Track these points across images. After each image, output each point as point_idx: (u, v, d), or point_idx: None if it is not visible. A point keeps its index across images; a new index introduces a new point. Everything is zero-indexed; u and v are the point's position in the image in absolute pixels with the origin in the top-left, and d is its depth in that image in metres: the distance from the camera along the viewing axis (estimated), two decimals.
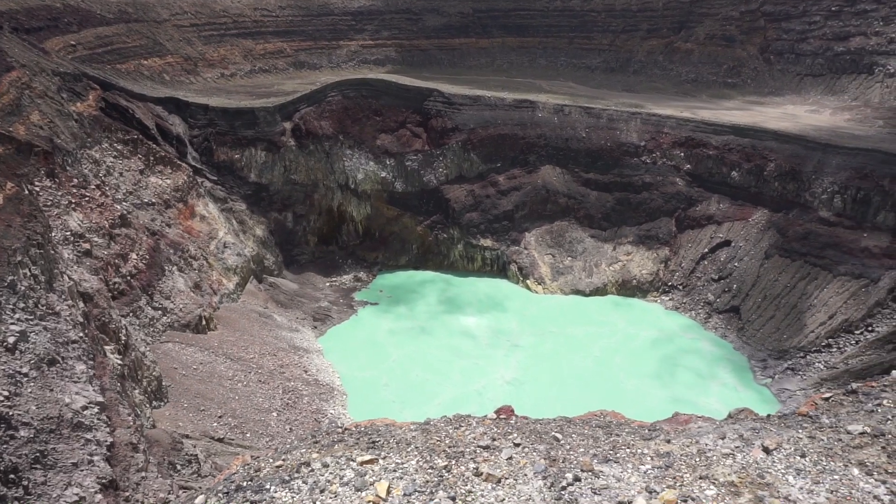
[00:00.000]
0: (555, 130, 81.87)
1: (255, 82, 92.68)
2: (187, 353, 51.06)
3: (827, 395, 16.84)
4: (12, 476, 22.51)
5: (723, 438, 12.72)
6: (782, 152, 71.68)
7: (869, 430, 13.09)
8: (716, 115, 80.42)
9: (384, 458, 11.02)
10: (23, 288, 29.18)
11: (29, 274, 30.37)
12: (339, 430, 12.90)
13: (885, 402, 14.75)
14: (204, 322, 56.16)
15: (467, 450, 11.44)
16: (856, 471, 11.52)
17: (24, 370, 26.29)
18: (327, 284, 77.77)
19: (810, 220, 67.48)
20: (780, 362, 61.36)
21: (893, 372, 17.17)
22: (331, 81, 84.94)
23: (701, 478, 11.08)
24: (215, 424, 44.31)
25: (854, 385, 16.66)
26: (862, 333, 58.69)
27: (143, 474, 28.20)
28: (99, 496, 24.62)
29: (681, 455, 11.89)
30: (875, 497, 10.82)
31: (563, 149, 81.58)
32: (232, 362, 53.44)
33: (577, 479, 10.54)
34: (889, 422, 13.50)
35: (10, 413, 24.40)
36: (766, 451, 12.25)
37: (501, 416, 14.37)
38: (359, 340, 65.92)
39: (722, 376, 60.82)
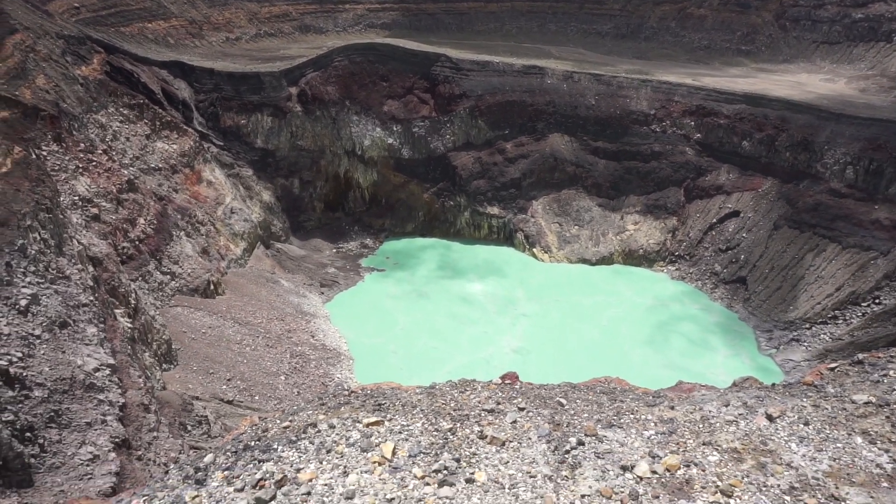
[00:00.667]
0: (563, 97, 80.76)
1: (260, 46, 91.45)
2: (196, 317, 51.60)
3: (832, 365, 16.86)
4: (28, 434, 23.02)
5: (726, 406, 12.80)
6: (794, 122, 70.62)
7: (874, 400, 13.13)
8: (727, 83, 79.02)
9: (390, 420, 11.16)
10: (33, 252, 29.39)
11: (39, 238, 30.55)
12: (346, 392, 13.05)
13: (891, 372, 14.76)
14: (212, 287, 56.58)
15: (472, 413, 11.57)
16: (859, 439, 11.59)
17: (37, 332, 26.66)
18: (334, 251, 78.00)
19: (821, 192, 66.80)
20: (785, 333, 61.48)
21: None
22: (337, 46, 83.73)
23: (704, 444, 11.17)
24: (224, 387, 45.03)
25: (860, 356, 16.66)
26: (869, 306, 58.58)
27: (155, 434, 28.78)
28: (112, 454, 25.18)
29: (684, 421, 11.98)
30: (878, 465, 10.90)
31: (571, 116, 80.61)
32: (240, 326, 54.04)
33: (580, 443, 10.66)
34: (894, 391, 13.53)
35: (24, 374, 24.82)
36: (770, 418, 12.33)
37: (507, 382, 14.49)
38: (365, 306, 66.34)
39: (726, 346, 61.06)
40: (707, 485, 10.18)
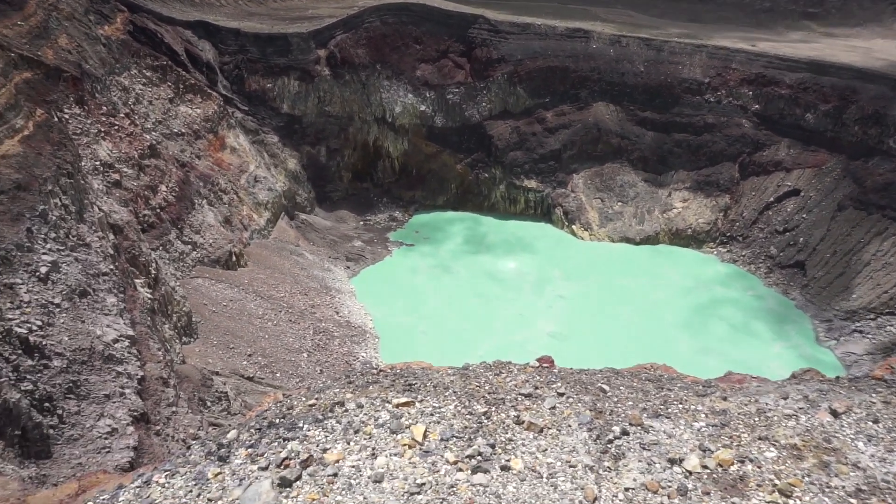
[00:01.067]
0: (610, 64, 79.04)
1: (288, 6, 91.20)
2: (217, 290, 52.50)
3: None
4: (47, 404, 23.77)
5: (785, 399, 12.37)
6: (865, 93, 67.87)
7: None
8: (789, 49, 76.17)
9: (421, 401, 11.08)
10: (54, 218, 30.07)
11: (60, 204, 31.23)
12: (374, 371, 13.03)
13: None
14: (234, 258, 57.34)
15: (508, 397, 11.43)
16: None
17: (56, 301, 27.37)
18: (361, 223, 78.42)
19: (892, 170, 64.30)
20: (846, 324, 59.83)
21: None
22: (369, 5, 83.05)
23: (760, 438, 10.82)
24: (245, 363, 45.85)
25: None
26: None
27: (174, 409, 29.50)
28: (130, 428, 25.88)
29: (738, 414, 11.63)
30: None
31: (618, 84, 78.95)
32: (262, 300, 54.82)
33: (624, 432, 10.44)
34: None
35: (44, 343, 25.56)
36: (835, 414, 11.88)
37: (543, 366, 14.31)
38: (393, 283, 66.69)
39: (780, 336, 59.79)
40: (763, 483, 9.86)
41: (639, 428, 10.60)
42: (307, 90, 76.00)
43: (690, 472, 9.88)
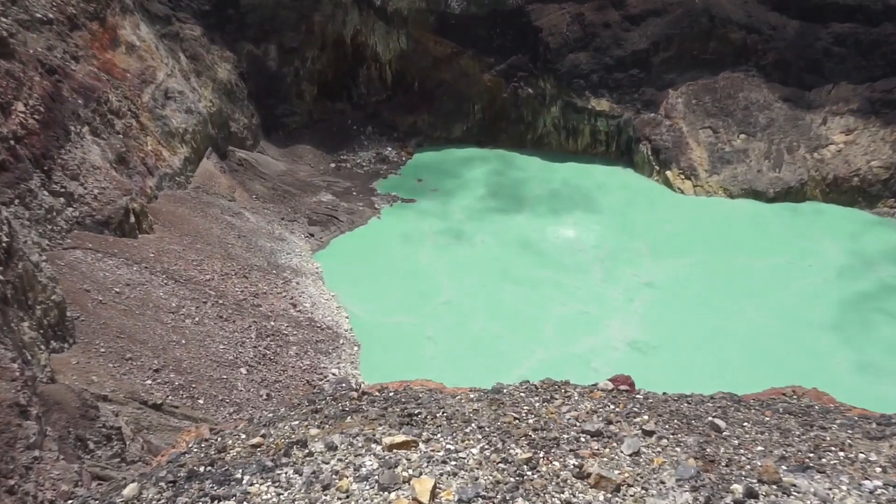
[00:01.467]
0: None
1: None
2: (106, 268, 52.52)
3: None
4: None
5: None
6: None
7: None
8: None
9: (427, 441, 11.06)
10: None
11: None
12: (355, 392, 13.02)
13: None
14: (133, 218, 57.28)
15: (564, 436, 11.39)
16: None
17: None
18: (332, 165, 78.33)
19: None
20: None
21: None
22: None
23: None
24: (149, 382, 45.84)
25: None
26: None
27: (36, 454, 29.63)
28: None
29: None
30: None
31: None
32: (177, 285, 54.98)
33: (751, 494, 10.38)
34: None
35: None
36: None
37: (620, 388, 14.32)
38: (381, 261, 66.70)
39: None
40: None
41: (774, 487, 10.57)
42: None
43: None
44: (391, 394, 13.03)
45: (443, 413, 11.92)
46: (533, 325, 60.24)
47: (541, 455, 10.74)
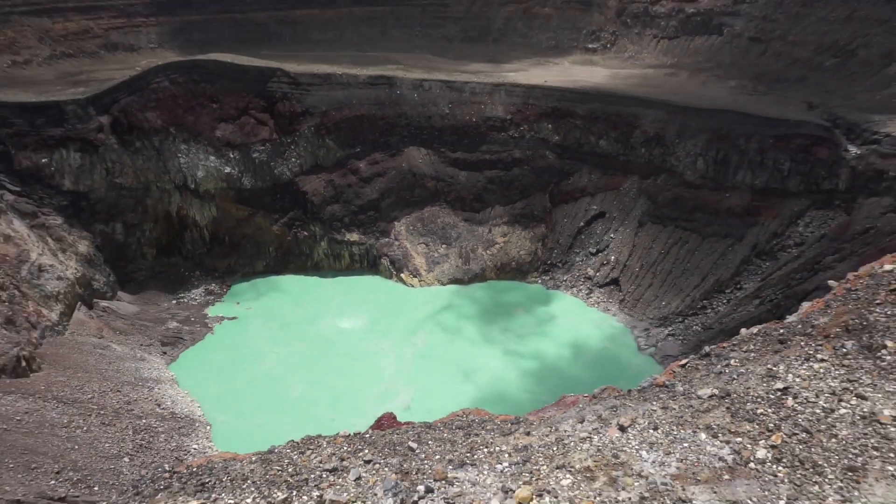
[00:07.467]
0: (416, 108, 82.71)
1: (58, 70, 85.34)
2: (6, 403, 47.43)
3: (683, 361, 18.60)
4: None
5: (581, 422, 13.65)
6: (646, 118, 77.16)
7: (717, 392, 14.62)
8: (576, 82, 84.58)
9: (215, 501, 10.73)
10: None
11: None
12: (166, 474, 12.40)
13: (731, 361, 16.53)
14: (24, 363, 52.21)
15: (311, 476, 11.42)
16: (703, 435, 12.82)
17: None
18: (174, 302, 73.97)
19: (677, 185, 73.53)
20: (661, 329, 66.72)
21: (742, 330, 19.20)
22: (154, 65, 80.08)
23: (557, 468, 11.81)
24: (53, 482, 41.92)
25: (707, 348, 18.49)
26: (732, 292, 65.21)
27: None
28: None
29: (539, 446, 12.61)
30: (720, 458, 12.14)
31: (426, 127, 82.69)
32: (66, 406, 50.44)
33: (429, 490, 10.83)
34: (734, 381, 15.14)
35: None
36: (622, 429, 13.33)
37: (382, 424, 14.49)
38: (218, 362, 63.70)
39: (607, 350, 65.04)
40: None
41: (443, 482, 11.09)
42: (92, 162, 71.05)
43: None
44: (194, 469, 12.54)
45: (228, 477, 11.68)
46: (325, 384, 60.71)
47: (294, 493, 10.75)
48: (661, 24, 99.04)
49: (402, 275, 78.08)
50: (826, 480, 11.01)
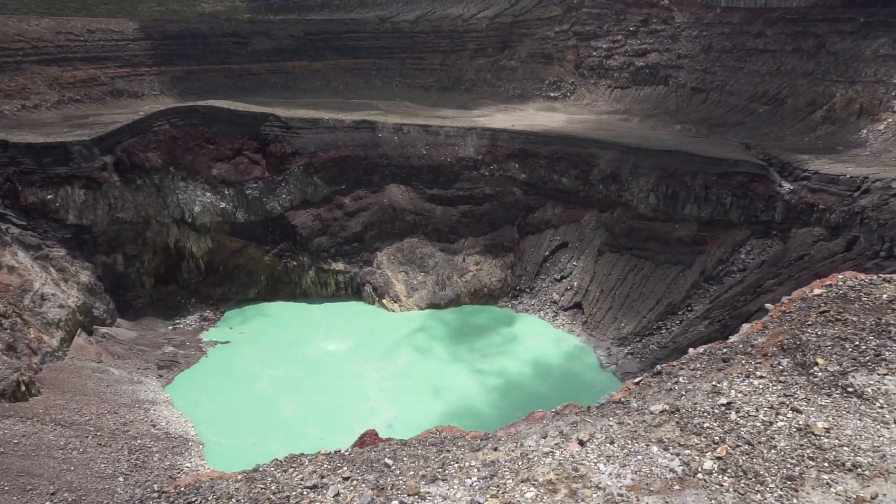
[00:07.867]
0: (396, 149, 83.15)
1: (65, 114, 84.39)
2: (4, 427, 45.37)
3: (638, 379, 18.53)
4: None
5: (545, 437, 13.47)
6: (603, 157, 78.30)
7: (667, 408, 14.57)
8: (541, 126, 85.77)
9: None
10: None
11: None
12: (155, 494, 11.93)
13: (680, 379, 16.53)
14: (23, 388, 50.27)
15: (293, 493, 11.09)
16: (655, 448, 12.72)
17: None
18: (170, 328, 72.43)
19: (632, 218, 74.46)
20: (621, 349, 66.85)
21: (690, 350, 19.25)
22: (156, 110, 79.68)
23: (522, 481, 11.61)
24: (48, 503, 39.84)
25: (659, 366, 18.48)
26: (683, 313, 65.74)
27: None
28: None
29: (505, 461, 12.41)
30: (671, 470, 12.04)
31: (405, 167, 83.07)
32: (63, 428, 48.34)
33: None
34: (683, 397, 15.12)
35: None
36: (582, 443, 13.17)
37: (364, 441, 14.13)
38: (212, 384, 62.22)
39: (571, 368, 64.95)
40: None
41: (416, 497, 10.84)
42: (95, 198, 69.86)
43: None
44: (182, 489, 12.07)
45: (214, 496, 11.27)
46: (312, 404, 59.21)
47: None
48: (614, 76, 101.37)
49: (383, 300, 77.57)
50: (767, 489, 10.95)
